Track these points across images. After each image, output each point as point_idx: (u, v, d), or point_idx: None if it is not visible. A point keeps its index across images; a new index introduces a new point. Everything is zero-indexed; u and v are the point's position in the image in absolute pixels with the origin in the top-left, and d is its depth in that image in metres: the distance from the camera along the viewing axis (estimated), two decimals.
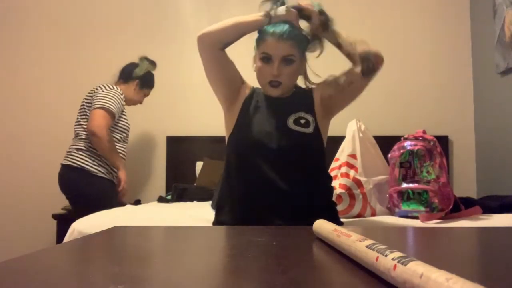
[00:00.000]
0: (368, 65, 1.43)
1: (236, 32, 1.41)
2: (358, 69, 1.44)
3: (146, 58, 2.85)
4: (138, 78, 2.81)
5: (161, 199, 2.90)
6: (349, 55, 1.46)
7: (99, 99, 2.56)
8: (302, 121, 1.45)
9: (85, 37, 3.48)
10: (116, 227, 0.89)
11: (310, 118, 1.47)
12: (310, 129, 1.44)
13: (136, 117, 3.35)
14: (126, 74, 2.80)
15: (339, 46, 1.47)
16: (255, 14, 1.43)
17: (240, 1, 3.26)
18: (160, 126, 3.41)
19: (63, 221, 2.74)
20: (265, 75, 1.43)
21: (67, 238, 1.71)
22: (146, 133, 3.42)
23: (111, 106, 2.55)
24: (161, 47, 3.42)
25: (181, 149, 3.34)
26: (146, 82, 2.87)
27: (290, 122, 1.44)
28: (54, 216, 2.98)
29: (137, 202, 3.05)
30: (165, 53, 3.42)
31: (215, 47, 1.41)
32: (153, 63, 2.87)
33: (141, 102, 2.93)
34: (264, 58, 1.42)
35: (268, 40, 1.40)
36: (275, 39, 1.39)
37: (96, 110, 2.52)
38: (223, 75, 1.47)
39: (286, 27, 1.40)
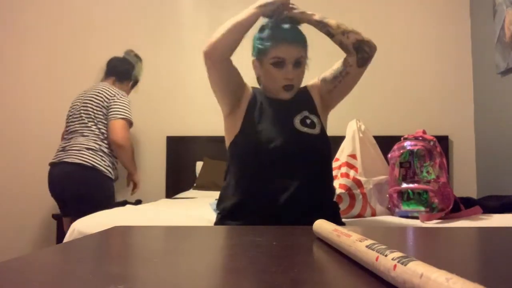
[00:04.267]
0: (363, 55, 1.43)
1: (239, 33, 1.38)
2: (353, 59, 1.44)
3: (135, 55, 2.88)
4: (133, 80, 2.89)
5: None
6: (341, 44, 1.44)
7: (119, 108, 2.60)
8: (308, 121, 1.45)
9: (82, 36, 3.48)
10: (116, 227, 0.89)
11: (315, 118, 1.47)
12: (316, 130, 1.44)
13: (136, 117, 3.35)
14: (122, 74, 2.81)
15: (330, 35, 1.44)
16: (246, 10, 1.39)
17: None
18: (160, 126, 3.41)
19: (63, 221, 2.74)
20: (278, 80, 1.41)
21: (67, 238, 1.71)
22: (146, 133, 3.42)
23: (130, 116, 2.65)
24: (161, 47, 3.42)
25: (181, 149, 3.34)
26: (136, 84, 2.95)
27: (297, 122, 1.43)
28: (54, 216, 2.97)
29: (138, 202, 3.05)
30: (165, 53, 3.43)
31: (225, 56, 1.38)
32: (140, 59, 2.93)
33: None
34: (277, 63, 1.40)
35: (281, 44, 1.39)
36: (287, 42, 1.39)
37: (119, 120, 2.57)
38: (232, 83, 1.45)
39: (293, 29, 1.41)
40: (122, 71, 2.81)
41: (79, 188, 2.52)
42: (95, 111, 2.59)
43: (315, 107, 1.50)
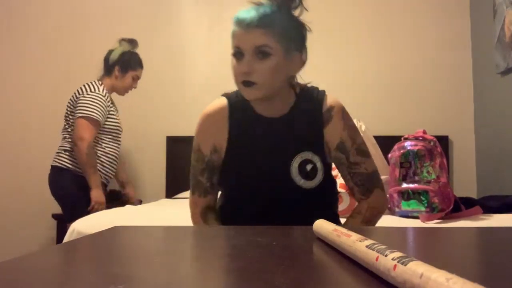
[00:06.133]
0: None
1: None
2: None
3: (123, 39, 2.68)
4: (117, 63, 2.61)
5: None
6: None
7: (82, 106, 2.48)
8: (308, 167, 1.17)
9: (80, 35, 3.47)
10: (116, 227, 0.89)
11: (318, 162, 1.19)
12: (316, 180, 1.18)
13: (136, 117, 3.35)
14: (106, 65, 2.64)
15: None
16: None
17: None
18: (160, 126, 3.40)
19: (63, 221, 2.74)
20: (238, 74, 1.15)
21: (67, 238, 1.72)
22: (146, 133, 3.41)
23: (94, 114, 2.46)
24: (160, 47, 3.42)
25: (181, 149, 3.34)
26: (127, 64, 2.63)
27: (294, 167, 1.17)
28: (54, 216, 2.98)
29: (138, 202, 3.05)
30: (165, 53, 3.42)
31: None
32: (131, 42, 2.67)
33: (134, 87, 2.72)
34: (236, 54, 1.14)
35: (237, 31, 1.13)
36: (243, 27, 1.11)
37: (79, 120, 2.45)
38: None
39: (260, 11, 1.12)
40: (106, 61, 2.65)
41: (57, 191, 2.59)
42: (68, 112, 2.62)
43: (322, 144, 1.20)
